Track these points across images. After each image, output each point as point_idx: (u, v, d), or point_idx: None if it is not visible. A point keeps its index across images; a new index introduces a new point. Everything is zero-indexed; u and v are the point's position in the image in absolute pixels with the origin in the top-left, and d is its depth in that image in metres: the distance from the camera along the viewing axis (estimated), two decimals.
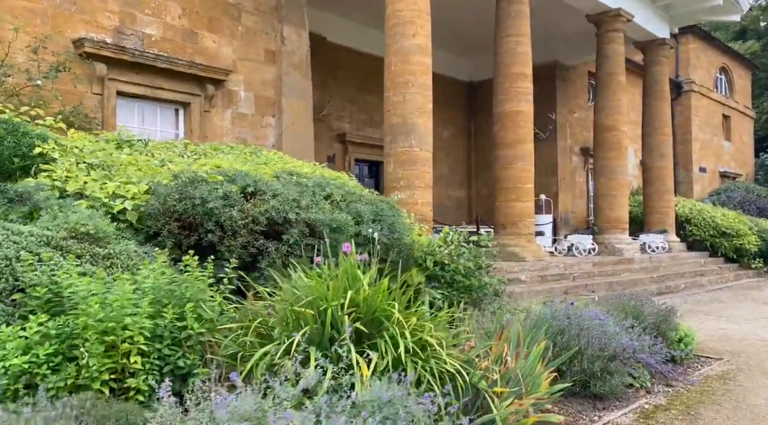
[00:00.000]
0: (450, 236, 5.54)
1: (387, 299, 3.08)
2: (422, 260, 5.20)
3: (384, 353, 2.70)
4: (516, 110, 10.31)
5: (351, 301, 2.85)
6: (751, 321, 7.42)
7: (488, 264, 5.66)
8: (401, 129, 8.28)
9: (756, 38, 39.16)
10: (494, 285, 5.58)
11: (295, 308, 2.84)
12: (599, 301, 8.62)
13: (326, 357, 2.61)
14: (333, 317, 2.75)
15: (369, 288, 2.99)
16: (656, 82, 14.84)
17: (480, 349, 3.22)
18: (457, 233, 6.34)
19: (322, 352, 2.62)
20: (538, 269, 9.37)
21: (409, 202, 8.19)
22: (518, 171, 10.33)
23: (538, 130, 17.11)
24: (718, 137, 24.20)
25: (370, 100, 15.42)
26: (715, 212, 15.18)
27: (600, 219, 13.15)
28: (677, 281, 11.13)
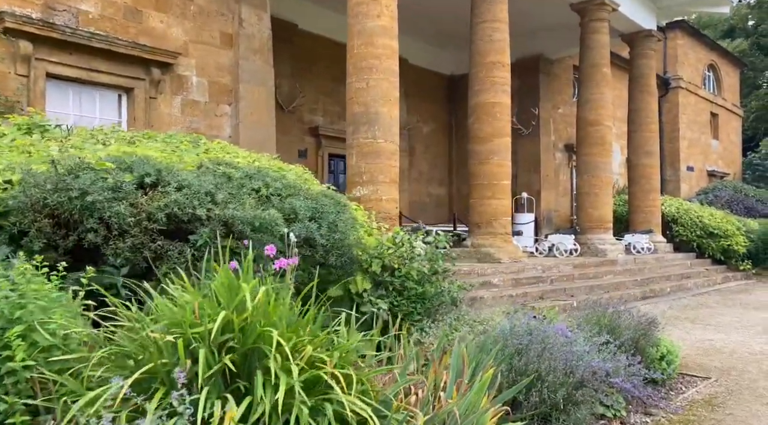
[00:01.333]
0: (400, 236, 4.84)
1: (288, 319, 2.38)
2: (368, 265, 4.51)
3: (262, 397, 1.99)
4: (492, 101, 9.64)
5: (226, 325, 2.14)
6: (741, 329, 6.80)
7: (445, 268, 4.97)
8: (364, 118, 7.58)
9: (744, 37, 38.91)
10: (452, 292, 4.90)
11: (151, 334, 2.13)
12: (578, 306, 7.99)
13: (179, 404, 1.91)
14: (193, 348, 2.04)
15: (257, 305, 2.28)
16: (642, 75, 14.26)
17: (402, 384, 2.53)
18: (423, 233, 5.68)
19: (167, 401, 1.91)
20: (513, 272, 8.71)
21: (372, 198, 7.50)
22: (494, 167, 9.66)
23: (520, 125, 16.52)
24: (705, 135, 23.75)
25: (345, 92, 14.70)
26: (703, 211, 14.65)
27: (582, 218, 12.54)
28: (662, 285, 10.54)
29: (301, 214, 4.26)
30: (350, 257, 4.49)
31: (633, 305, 8.58)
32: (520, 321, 4.00)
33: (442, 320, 4.63)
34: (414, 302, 4.54)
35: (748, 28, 40.40)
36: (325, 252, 4.26)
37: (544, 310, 5.09)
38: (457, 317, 4.71)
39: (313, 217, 4.39)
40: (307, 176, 6.38)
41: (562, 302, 7.87)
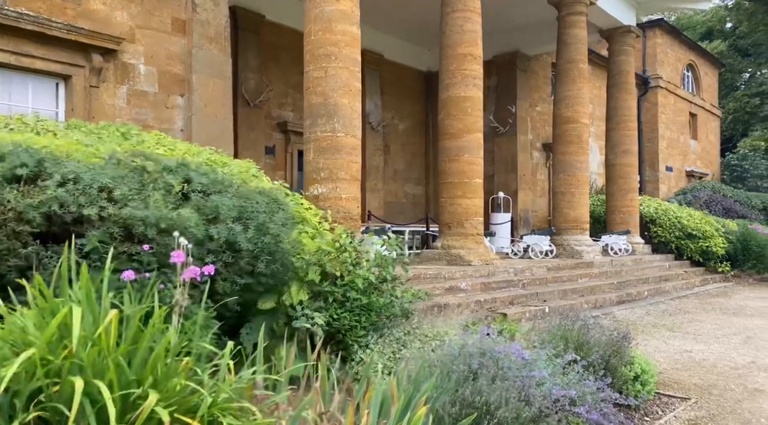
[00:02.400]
0: (342, 238, 4.29)
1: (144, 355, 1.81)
2: (304, 273, 3.95)
3: None
4: (463, 95, 9.14)
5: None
6: (721, 338, 6.38)
7: (394, 276, 4.43)
8: (322, 110, 7.02)
9: (722, 39, 39.08)
10: (404, 303, 4.36)
11: None
12: (550, 312, 7.52)
13: None
14: None
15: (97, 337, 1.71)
16: (621, 72, 13.89)
17: None
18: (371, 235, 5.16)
19: None
20: (483, 275, 8.22)
21: (331, 197, 6.95)
22: (465, 164, 9.16)
23: (497, 123, 16.09)
24: (684, 135, 23.59)
25: None
26: (681, 212, 14.34)
27: (558, 219, 12.12)
28: (640, 288, 10.14)
29: (223, 214, 3.70)
30: (284, 264, 3.93)
31: (609, 310, 8.15)
32: (475, 337, 3.47)
33: (390, 335, 4.10)
34: (358, 315, 3.99)
35: (726, 30, 40.63)
36: (252, 258, 3.70)
37: (507, 322, 4.58)
38: (409, 331, 4.18)
39: (240, 217, 3.83)
40: (254, 172, 5.82)
41: (534, 309, 7.39)
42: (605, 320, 7.30)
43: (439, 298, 6.79)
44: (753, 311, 8.62)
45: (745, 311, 8.66)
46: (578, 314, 4.66)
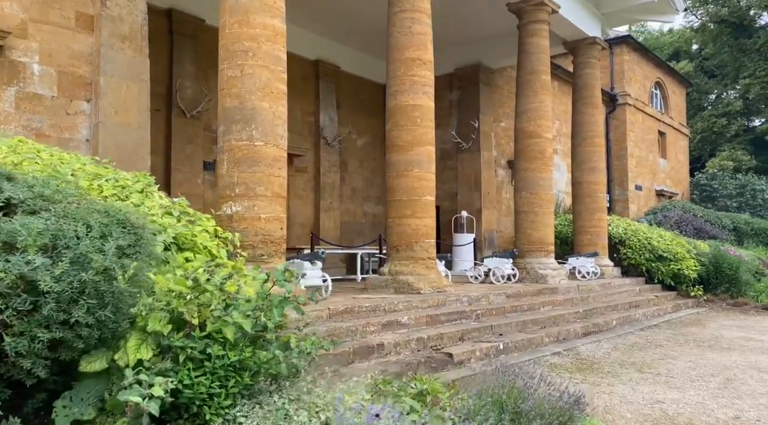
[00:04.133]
0: (199, 272, 3.25)
1: None
2: (144, 322, 2.90)
3: None
4: (412, 103, 8.25)
5: None
6: (697, 382, 5.48)
7: (278, 323, 3.41)
8: (237, 115, 6.03)
9: (689, 59, 39.48)
10: (290, 358, 3.34)
11: None
12: (505, 349, 6.57)
13: None
14: None
15: None
16: (586, 86, 13.24)
17: None
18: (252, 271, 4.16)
19: None
20: (431, 306, 7.23)
21: (247, 217, 5.92)
22: (414, 180, 8.24)
23: (460, 139, 15.30)
24: (653, 153, 23.22)
25: None
26: (652, 233, 13.64)
27: (521, 240, 11.26)
28: (608, 317, 9.27)
29: (23, 240, 2.65)
30: (119, 310, 2.88)
31: (573, 344, 7.24)
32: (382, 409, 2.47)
33: (271, 403, 3.06)
34: (224, 378, 2.94)
35: (692, 51, 41.13)
36: (59, 303, 2.64)
37: (430, 382, 3.58)
38: (298, 397, 3.15)
39: (55, 246, 2.78)
40: (139, 187, 4.77)
41: (486, 345, 6.42)
42: (566, 357, 6.38)
43: (372, 337, 5.77)
44: (729, 343, 7.80)
45: (721, 343, 7.83)
46: (524, 365, 3.69)
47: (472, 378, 4.63)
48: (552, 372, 5.78)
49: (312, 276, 6.91)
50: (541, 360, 6.35)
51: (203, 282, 3.08)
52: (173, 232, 4.29)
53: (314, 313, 5.62)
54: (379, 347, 5.49)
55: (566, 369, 5.92)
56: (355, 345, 5.31)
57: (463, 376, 5.39)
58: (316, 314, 5.64)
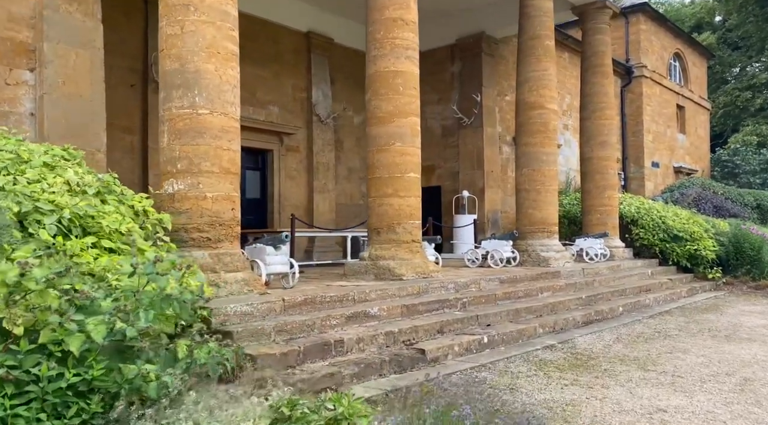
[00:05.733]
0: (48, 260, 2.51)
1: None
2: None
3: None
4: (393, 70, 7.43)
5: None
6: (709, 382, 4.68)
7: (143, 329, 2.68)
8: (177, 79, 5.29)
9: (711, 31, 37.67)
10: (176, 373, 2.61)
11: None
12: (490, 342, 5.82)
13: None
14: None
15: None
16: (596, 54, 12.23)
17: None
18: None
19: None
20: (410, 295, 6.49)
21: (191, 196, 5.22)
22: (396, 155, 7.46)
23: (462, 114, 14.41)
24: (672, 129, 22.01)
25: (251, 72, 12.38)
26: (666, 211, 12.69)
27: (523, 221, 10.42)
28: (614, 303, 8.45)
29: None
30: None
31: (570, 335, 6.47)
32: None
33: None
34: (61, 406, 2.24)
35: (715, 23, 39.24)
36: None
37: (347, 397, 2.84)
38: None
39: None
40: (48, 159, 4.08)
41: (468, 339, 5.68)
42: (560, 352, 5.61)
43: (332, 332, 5.06)
44: (749, 333, 6.95)
45: (740, 333, 6.99)
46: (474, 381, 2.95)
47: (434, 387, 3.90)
48: (540, 370, 5.03)
49: (276, 262, 6.21)
50: (531, 356, 5.60)
51: (29, 277, 2.35)
52: (70, 213, 3.58)
53: (265, 306, 4.93)
54: (338, 344, 4.77)
55: (557, 367, 5.16)
56: (307, 343, 4.60)
57: (433, 377, 4.65)
58: (267, 306, 4.94)
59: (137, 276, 2.71)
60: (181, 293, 2.83)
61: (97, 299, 2.49)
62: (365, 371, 4.54)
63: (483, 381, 4.60)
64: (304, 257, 12.71)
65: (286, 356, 4.34)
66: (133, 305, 2.58)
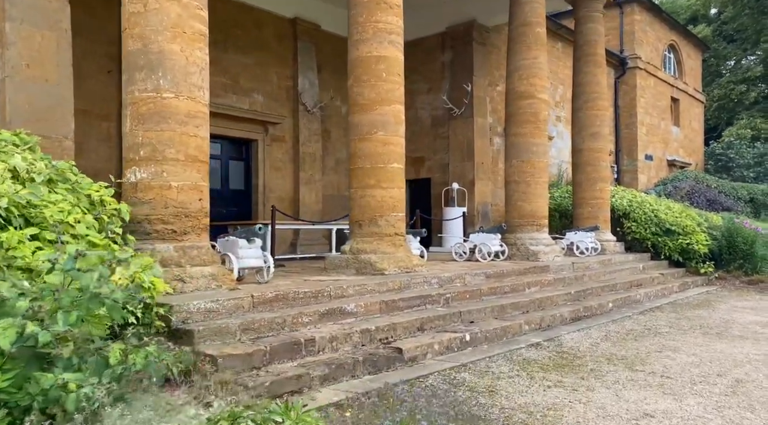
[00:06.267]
0: None
1: None
2: None
3: None
4: (376, 55, 7.12)
5: None
6: (699, 383, 4.44)
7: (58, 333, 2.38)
8: (141, 60, 4.97)
9: (707, 24, 37.44)
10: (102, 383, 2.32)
11: None
12: (472, 341, 5.56)
13: None
14: None
15: None
16: (588, 43, 11.94)
17: None
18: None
19: None
20: (390, 290, 6.22)
21: (154, 185, 4.91)
22: (379, 144, 7.16)
23: (452, 105, 14.10)
24: (666, 121, 21.78)
25: (235, 59, 12.06)
26: (659, 204, 12.46)
27: (512, 213, 10.16)
28: (604, 298, 8.21)
29: None
30: None
31: (557, 332, 6.22)
32: None
33: None
34: None
35: (710, 15, 38.99)
36: None
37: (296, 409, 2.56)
38: None
39: None
40: None
41: (450, 337, 5.42)
42: (545, 350, 5.36)
43: (304, 330, 4.78)
44: (741, 330, 6.73)
45: (732, 330, 6.77)
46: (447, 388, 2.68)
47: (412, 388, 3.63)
48: (523, 370, 4.77)
49: (250, 256, 5.92)
50: (514, 355, 5.34)
51: None
52: (9, 201, 3.28)
53: (232, 302, 4.64)
54: (309, 343, 4.49)
55: (541, 367, 4.90)
56: (275, 342, 4.32)
57: (408, 379, 4.39)
58: (234, 303, 4.65)
59: (58, 273, 2.42)
60: (112, 292, 2.54)
61: (9, 300, 2.19)
62: (336, 372, 4.26)
63: (461, 383, 4.34)
64: (289, 250, 12.43)
65: (251, 356, 4.06)
66: (52, 306, 2.28)
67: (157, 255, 4.79)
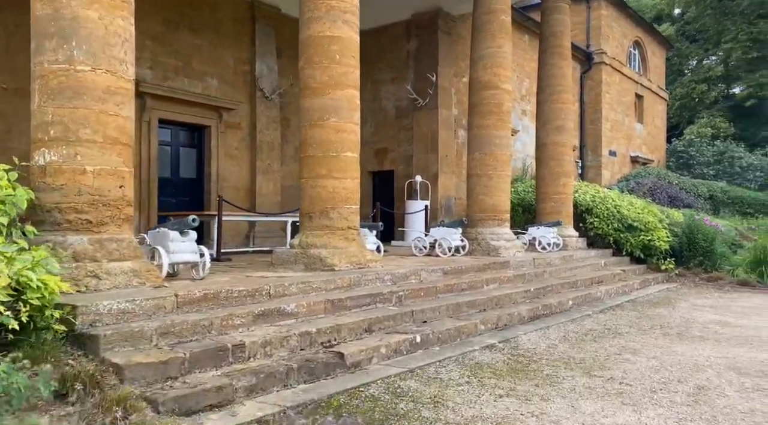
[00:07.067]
0: None
1: None
2: None
3: None
4: (329, 35, 6.64)
5: None
6: (660, 391, 4.16)
7: None
8: (51, 27, 4.38)
9: (671, 23, 38.00)
10: None
11: None
12: (423, 342, 5.18)
13: None
14: None
15: None
16: (554, 34, 11.68)
17: None
18: None
19: None
20: (338, 288, 5.78)
21: (66, 169, 4.35)
22: (332, 132, 6.70)
23: (417, 95, 13.71)
24: (629, 117, 21.88)
25: (187, 40, 11.39)
26: (622, 200, 12.34)
27: (473, 207, 9.84)
28: (564, 296, 7.96)
29: None
30: None
31: (514, 333, 5.90)
32: None
33: None
34: None
35: (675, 15, 39.59)
36: None
37: None
38: None
39: None
40: None
41: (400, 339, 5.02)
42: (500, 353, 5.02)
43: (234, 334, 4.30)
44: (701, 330, 6.54)
45: (692, 330, 6.57)
46: None
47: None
48: (474, 377, 4.41)
49: (183, 250, 5.40)
50: (467, 358, 4.98)
51: None
52: None
53: (151, 303, 4.13)
54: (238, 348, 4.02)
55: (494, 372, 4.55)
56: (197, 348, 3.83)
57: (348, 389, 3.97)
58: (153, 303, 4.14)
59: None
60: None
61: None
62: (266, 382, 3.81)
63: (405, 393, 3.94)
64: (244, 243, 11.88)
65: (166, 365, 3.57)
66: None
67: (69, 249, 4.25)
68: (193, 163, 11.92)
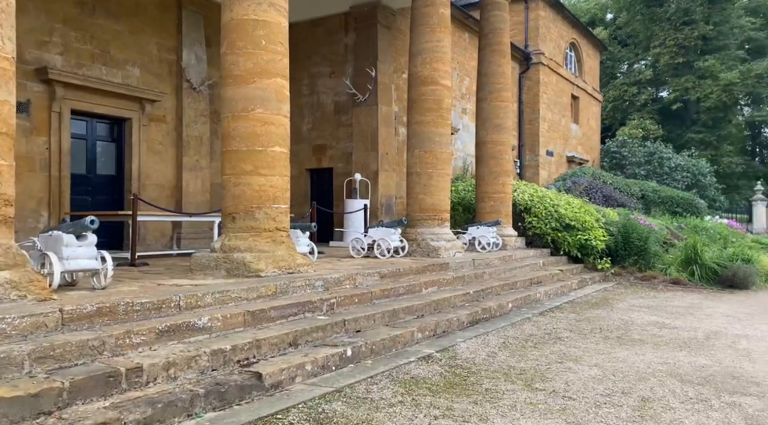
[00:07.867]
0: None
1: None
2: None
3: None
4: (254, 18, 6.08)
5: None
6: (604, 405, 3.90)
7: None
8: None
9: (604, 27, 39.31)
10: None
11: None
12: (355, 356, 4.73)
13: None
14: None
15: None
16: (493, 31, 11.52)
17: None
18: None
19: None
20: (262, 296, 5.24)
21: None
22: (257, 124, 6.14)
23: (356, 91, 13.25)
24: (566, 118, 22.28)
25: (105, 25, 10.46)
26: (559, 199, 12.35)
27: (413, 206, 9.49)
28: (504, 298, 7.73)
29: None
30: None
31: (452, 340, 5.54)
32: None
33: None
34: None
35: (607, 20, 41.04)
36: None
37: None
38: None
39: None
40: None
41: (327, 353, 4.55)
42: (437, 364, 4.64)
43: (131, 355, 3.71)
44: (641, 333, 6.44)
45: (632, 332, 6.46)
46: None
47: None
48: (408, 394, 4.00)
49: (80, 256, 4.71)
50: (401, 372, 4.57)
51: None
52: None
53: (29, 321, 3.47)
54: (133, 372, 3.44)
55: (430, 388, 4.16)
56: (80, 375, 3.23)
57: (263, 416, 3.47)
58: (31, 321, 3.49)
59: None
60: None
61: None
62: (164, 412, 3.26)
63: (330, 419, 3.48)
64: (169, 245, 11.07)
65: (38, 398, 2.96)
66: None
67: None
68: (113, 158, 10.99)
